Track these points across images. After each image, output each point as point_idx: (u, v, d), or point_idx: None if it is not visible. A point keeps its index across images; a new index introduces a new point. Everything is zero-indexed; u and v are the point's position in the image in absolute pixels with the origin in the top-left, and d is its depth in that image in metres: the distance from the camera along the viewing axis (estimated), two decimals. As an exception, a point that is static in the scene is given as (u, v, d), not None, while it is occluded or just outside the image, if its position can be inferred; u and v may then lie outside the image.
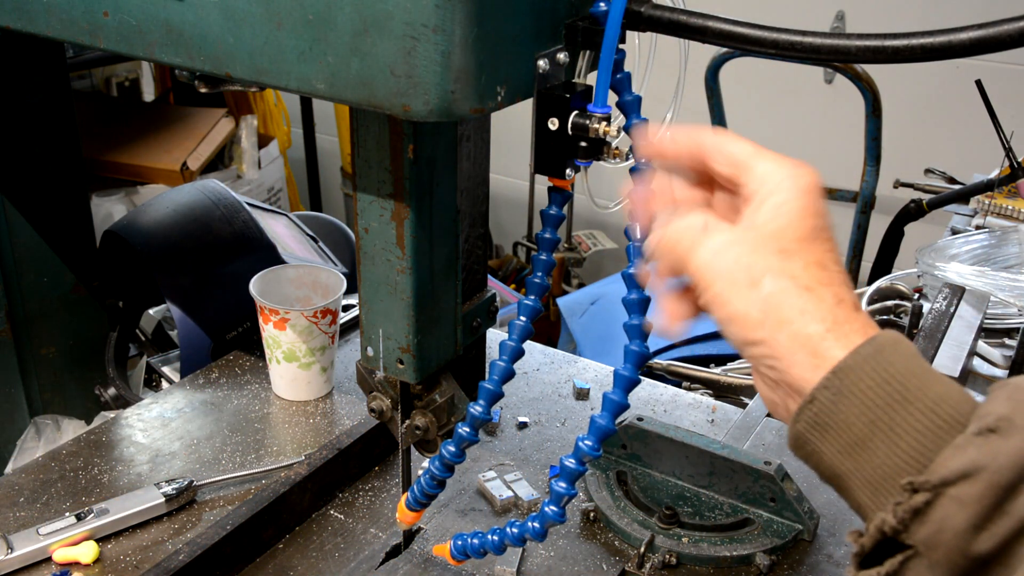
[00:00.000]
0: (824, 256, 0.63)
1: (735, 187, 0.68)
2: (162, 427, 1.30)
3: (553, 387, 1.44)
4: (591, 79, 0.80)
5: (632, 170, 0.82)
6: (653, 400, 1.41)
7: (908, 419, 0.57)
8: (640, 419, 1.21)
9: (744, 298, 0.62)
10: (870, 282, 1.76)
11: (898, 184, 2.30)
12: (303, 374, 1.35)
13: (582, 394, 1.41)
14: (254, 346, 1.48)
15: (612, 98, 0.80)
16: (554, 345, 2.22)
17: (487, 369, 0.93)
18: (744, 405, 1.42)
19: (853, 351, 0.59)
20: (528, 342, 0.91)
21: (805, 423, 0.61)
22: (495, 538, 0.94)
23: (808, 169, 0.66)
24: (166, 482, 1.15)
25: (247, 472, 1.19)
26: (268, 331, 1.32)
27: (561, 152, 0.80)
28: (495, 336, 1.41)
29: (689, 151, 0.70)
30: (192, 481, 1.16)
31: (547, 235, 0.86)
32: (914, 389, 0.57)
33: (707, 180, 0.72)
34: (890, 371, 0.58)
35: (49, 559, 1.06)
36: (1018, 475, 0.53)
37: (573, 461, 0.85)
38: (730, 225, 0.65)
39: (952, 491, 0.54)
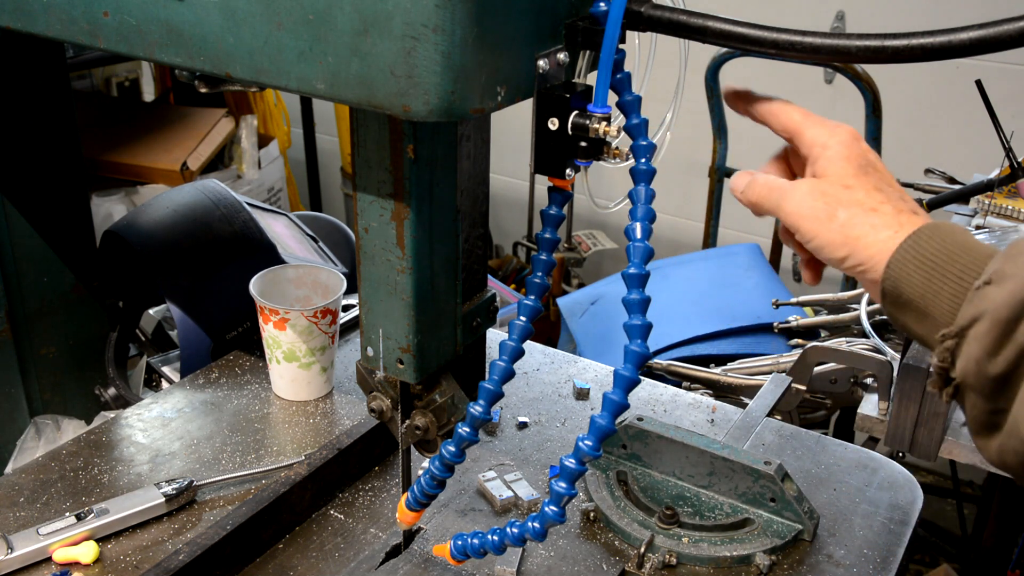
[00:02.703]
0: (879, 182, 0.80)
1: (793, 144, 0.85)
2: (162, 427, 1.30)
3: (553, 387, 1.44)
4: (591, 79, 0.80)
5: (632, 170, 0.82)
6: (653, 400, 1.41)
7: (944, 288, 0.73)
8: (640, 419, 1.21)
9: (827, 229, 0.79)
10: (870, 282, 1.76)
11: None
12: (303, 374, 1.35)
13: (582, 394, 1.41)
14: (254, 346, 1.48)
15: (612, 98, 0.80)
16: (554, 345, 2.22)
17: (487, 369, 0.93)
18: (744, 405, 1.42)
19: (898, 247, 0.75)
20: (528, 342, 0.91)
21: (888, 306, 0.78)
22: (495, 538, 0.94)
23: (844, 127, 0.82)
24: (166, 482, 1.15)
25: (247, 472, 1.20)
26: (268, 331, 1.33)
27: (561, 152, 0.80)
28: (495, 336, 1.41)
29: (756, 114, 0.86)
30: (192, 481, 1.16)
31: (547, 235, 0.86)
32: (945, 265, 0.73)
33: None
34: (926, 255, 0.74)
35: (49, 559, 1.06)
36: (1013, 311, 0.67)
37: (573, 461, 0.85)
38: (804, 179, 0.82)
39: (970, 333, 0.70)
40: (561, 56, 0.78)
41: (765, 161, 0.90)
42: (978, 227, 1.95)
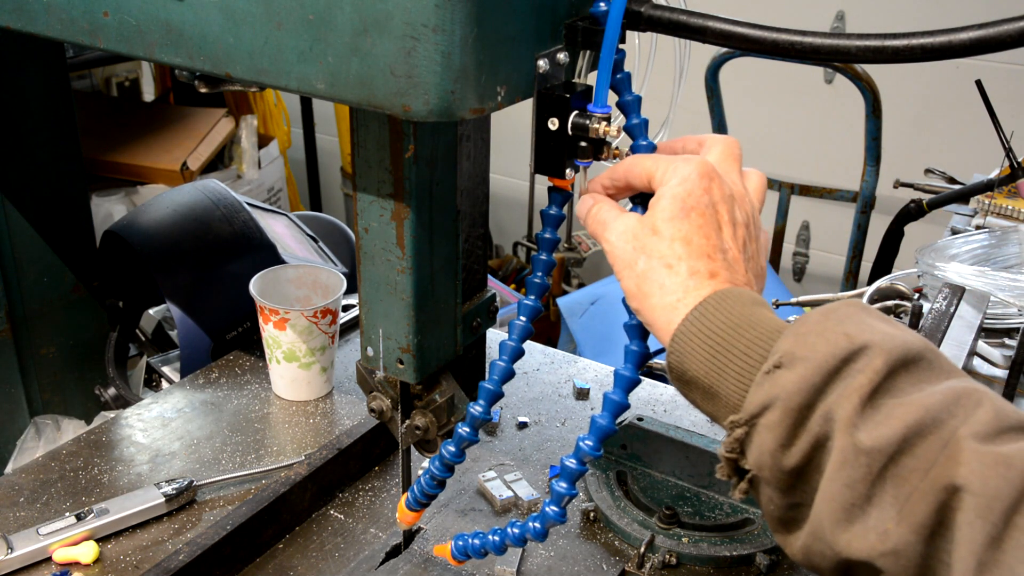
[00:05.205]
0: (691, 232, 0.72)
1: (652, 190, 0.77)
2: (162, 427, 1.30)
3: (553, 387, 1.44)
4: (591, 79, 0.80)
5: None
6: (653, 400, 1.41)
7: (730, 366, 0.68)
8: (640, 419, 1.21)
9: (627, 275, 0.75)
10: (870, 282, 1.76)
11: (898, 184, 2.30)
12: (303, 374, 1.35)
13: (582, 394, 1.41)
14: (254, 346, 1.48)
15: (612, 98, 0.80)
16: (554, 345, 2.22)
17: (487, 369, 0.93)
18: (744, 405, 1.42)
19: (684, 319, 0.70)
20: (528, 342, 0.91)
21: (675, 382, 0.73)
22: (496, 538, 0.94)
23: (696, 161, 0.74)
24: (166, 482, 1.15)
25: (247, 472, 1.20)
26: (268, 331, 1.33)
27: (561, 152, 0.80)
28: (495, 336, 1.41)
29: (622, 184, 0.79)
30: (192, 481, 1.16)
31: (547, 235, 0.86)
32: (731, 339, 0.68)
33: None
34: (712, 328, 0.69)
35: (49, 559, 1.06)
36: (805, 397, 0.63)
37: (573, 461, 0.85)
38: (633, 214, 0.77)
39: (761, 421, 0.65)
40: (561, 56, 0.78)
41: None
42: (978, 227, 1.95)
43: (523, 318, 0.87)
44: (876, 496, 0.61)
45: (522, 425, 1.34)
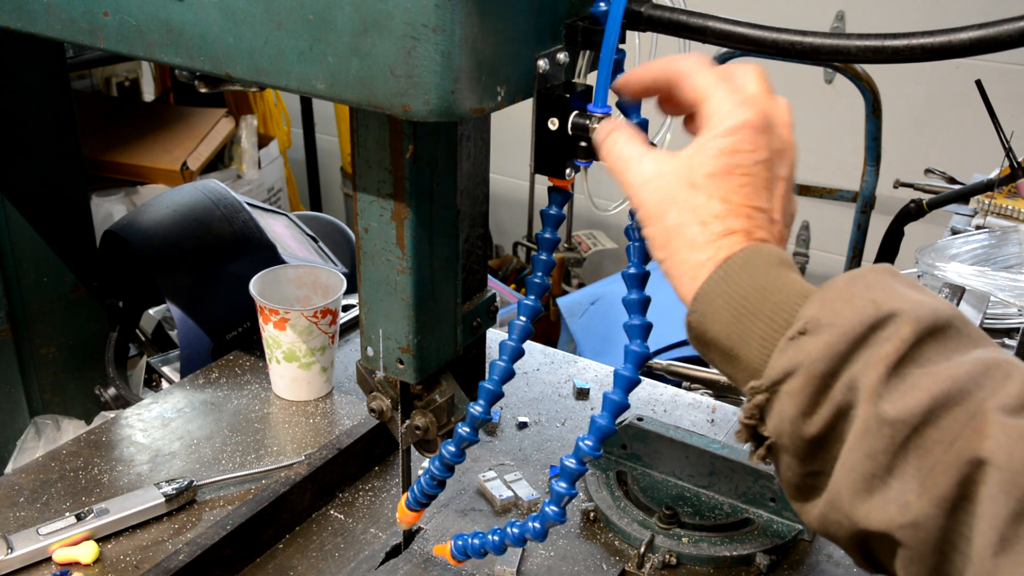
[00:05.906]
0: (731, 191, 0.69)
1: (698, 115, 0.73)
2: (162, 427, 1.30)
3: (553, 387, 1.44)
4: (591, 79, 0.80)
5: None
6: (653, 400, 1.41)
7: (753, 330, 0.66)
8: (640, 419, 1.21)
9: (653, 224, 0.71)
10: (870, 282, 1.76)
11: (898, 184, 2.30)
12: (303, 374, 1.35)
13: (582, 394, 1.41)
14: (254, 346, 1.48)
15: (612, 98, 0.80)
16: (554, 345, 2.22)
17: (487, 369, 0.93)
18: (744, 405, 1.42)
19: (707, 277, 0.68)
20: (528, 342, 0.91)
21: (693, 342, 0.71)
22: (495, 538, 0.94)
23: (751, 107, 0.70)
24: (166, 482, 1.15)
25: (247, 472, 1.19)
26: (268, 331, 1.33)
27: (561, 152, 0.80)
28: (495, 336, 1.41)
29: (664, 76, 0.75)
30: (192, 481, 1.16)
31: (547, 235, 0.86)
32: (755, 302, 0.66)
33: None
34: (736, 290, 0.67)
35: (49, 559, 1.06)
36: (829, 365, 0.61)
37: (573, 461, 0.85)
38: (662, 154, 0.73)
39: (783, 388, 0.63)
40: (561, 56, 0.78)
41: None
42: (978, 227, 1.95)
43: (523, 318, 0.87)
44: (898, 468, 0.59)
45: (522, 425, 1.34)
